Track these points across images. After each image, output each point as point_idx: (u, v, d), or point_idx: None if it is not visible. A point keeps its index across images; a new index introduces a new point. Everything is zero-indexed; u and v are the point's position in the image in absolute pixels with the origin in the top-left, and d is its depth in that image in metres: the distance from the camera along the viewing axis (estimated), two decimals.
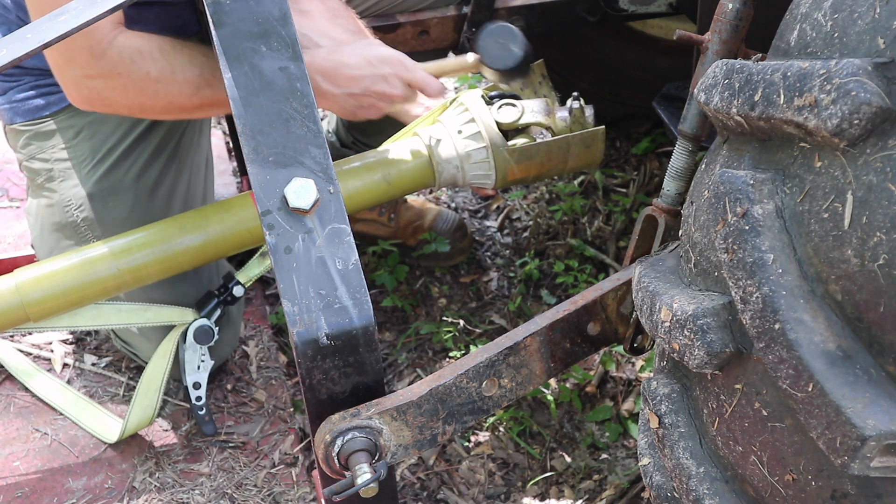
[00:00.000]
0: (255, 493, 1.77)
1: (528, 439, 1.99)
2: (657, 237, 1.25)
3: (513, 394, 1.21)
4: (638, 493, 1.84)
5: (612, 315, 1.27)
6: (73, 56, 1.52)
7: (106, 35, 1.51)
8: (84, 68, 1.53)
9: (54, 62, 1.57)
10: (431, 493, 1.89)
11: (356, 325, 1.07)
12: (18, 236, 2.30)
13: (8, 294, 1.64)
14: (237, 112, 1.16)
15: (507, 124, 1.81)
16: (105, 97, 1.59)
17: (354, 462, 1.08)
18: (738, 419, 0.95)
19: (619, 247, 2.41)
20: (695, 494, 1.01)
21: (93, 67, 1.53)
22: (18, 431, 1.87)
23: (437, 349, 2.22)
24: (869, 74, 0.76)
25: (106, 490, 1.76)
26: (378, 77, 1.65)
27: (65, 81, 1.59)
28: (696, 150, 1.23)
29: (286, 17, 1.23)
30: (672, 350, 0.96)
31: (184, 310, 1.82)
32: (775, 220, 0.85)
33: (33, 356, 2.02)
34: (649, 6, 2.22)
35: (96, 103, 1.62)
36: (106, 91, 1.57)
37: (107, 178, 1.81)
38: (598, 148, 1.83)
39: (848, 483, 0.86)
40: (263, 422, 1.91)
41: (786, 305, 0.82)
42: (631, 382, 2.07)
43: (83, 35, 1.48)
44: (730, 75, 0.92)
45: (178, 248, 1.68)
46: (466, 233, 2.44)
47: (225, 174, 2.56)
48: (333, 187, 1.13)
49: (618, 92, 2.60)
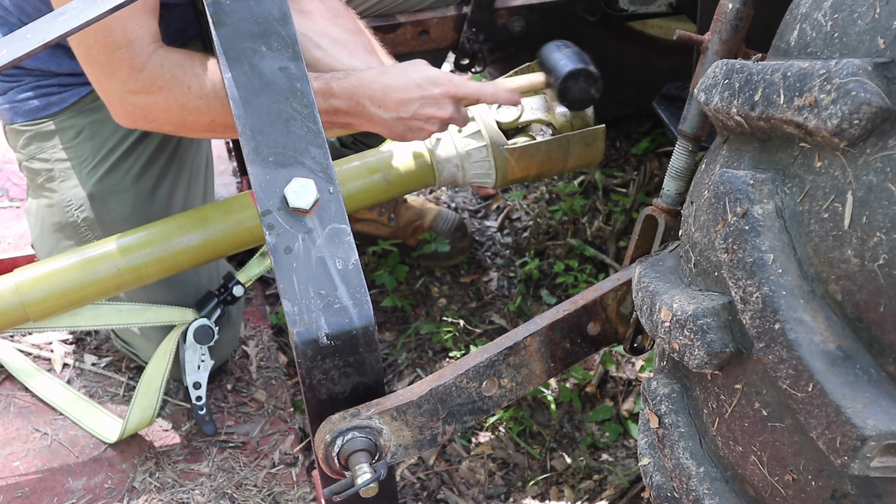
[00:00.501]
0: (255, 493, 1.77)
1: (528, 439, 1.99)
2: (657, 237, 1.25)
3: (513, 394, 1.21)
4: (638, 493, 1.84)
5: (612, 315, 1.27)
6: (113, 70, 1.51)
7: (145, 48, 1.51)
8: (125, 82, 1.52)
9: (96, 79, 1.55)
10: (431, 493, 1.89)
11: (356, 325, 1.07)
12: (18, 236, 2.30)
13: (8, 294, 1.64)
14: (237, 112, 1.16)
15: (508, 123, 1.81)
16: (147, 112, 1.57)
17: (354, 462, 1.08)
18: (738, 419, 0.95)
19: (619, 247, 2.41)
20: (695, 494, 1.01)
21: (134, 81, 1.52)
22: (18, 431, 1.87)
23: (437, 349, 2.22)
24: (869, 74, 0.76)
25: (106, 490, 1.76)
26: (428, 100, 1.61)
27: (108, 97, 1.57)
28: (696, 150, 1.23)
29: (286, 17, 1.23)
30: (672, 350, 0.96)
31: (184, 310, 1.82)
32: (775, 220, 0.85)
33: (33, 356, 2.02)
34: (649, 6, 2.22)
35: (139, 119, 1.60)
36: (148, 106, 1.56)
37: (107, 179, 1.81)
38: (598, 147, 1.83)
39: (848, 483, 0.86)
40: (263, 422, 1.91)
41: (786, 305, 0.82)
42: (631, 382, 2.07)
43: (122, 48, 1.48)
44: (730, 75, 0.92)
45: (177, 247, 1.68)
46: (466, 233, 2.44)
47: (225, 174, 2.56)
48: (333, 187, 1.13)
49: (618, 92, 2.59)
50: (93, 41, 1.49)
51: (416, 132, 1.65)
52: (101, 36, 1.47)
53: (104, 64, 1.51)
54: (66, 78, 1.79)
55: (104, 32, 1.47)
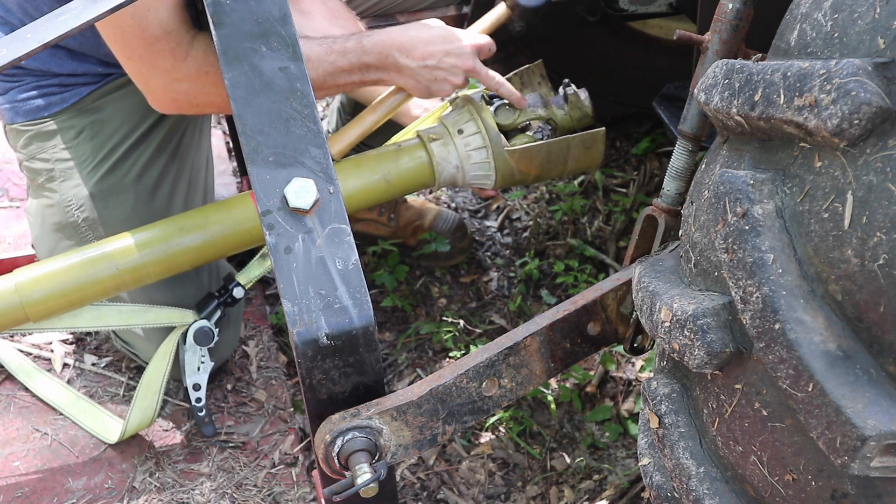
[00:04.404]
0: (255, 493, 1.77)
1: (528, 439, 1.99)
2: (657, 237, 1.25)
3: (513, 394, 1.21)
4: (638, 493, 1.84)
5: (612, 315, 1.27)
6: (155, 62, 1.52)
7: (185, 36, 1.51)
8: (170, 72, 1.53)
9: (136, 71, 1.56)
10: (431, 493, 1.89)
11: (356, 325, 1.07)
12: (18, 236, 2.30)
13: (7, 294, 1.64)
14: (237, 112, 1.16)
15: (507, 124, 1.81)
16: (193, 97, 1.59)
17: (354, 462, 1.08)
18: (738, 419, 0.95)
19: (619, 247, 2.41)
20: (695, 494, 1.01)
21: (179, 70, 1.53)
22: (18, 431, 1.87)
23: (437, 349, 2.22)
24: (869, 74, 0.76)
25: (106, 490, 1.76)
26: (452, 51, 1.71)
27: (151, 88, 1.58)
28: (696, 150, 1.23)
29: (286, 17, 1.23)
30: (672, 350, 0.96)
31: (184, 311, 1.82)
32: (775, 220, 0.85)
33: (33, 356, 2.02)
34: (649, 6, 2.21)
35: (184, 105, 1.63)
36: (194, 91, 1.58)
37: (108, 179, 1.81)
38: (598, 150, 1.83)
39: (848, 483, 0.86)
40: (263, 422, 1.91)
41: (786, 305, 0.82)
42: (631, 382, 2.07)
43: (162, 40, 1.49)
44: (730, 75, 0.92)
45: (177, 248, 1.68)
46: (466, 233, 2.44)
47: (225, 174, 2.56)
48: (333, 187, 1.13)
49: (618, 92, 2.60)
50: (130, 36, 1.49)
51: (440, 83, 1.73)
52: (137, 30, 1.48)
53: (145, 56, 1.51)
54: (67, 78, 1.79)
55: (140, 26, 1.47)
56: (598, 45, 2.54)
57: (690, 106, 1.20)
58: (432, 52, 1.69)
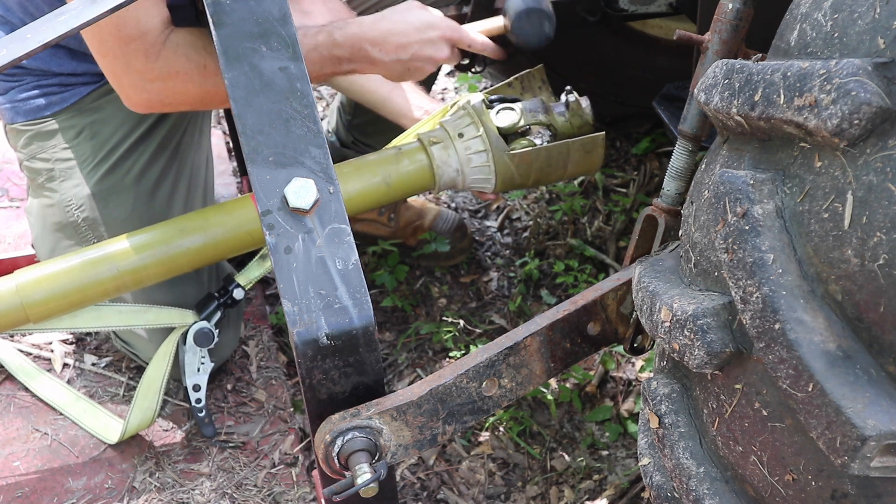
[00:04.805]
0: (255, 493, 1.77)
1: (528, 439, 1.99)
2: (657, 237, 1.25)
3: (513, 394, 1.21)
4: (638, 493, 1.84)
5: (612, 315, 1.27)
6: (129, 61, 1.52)
7: (158, 36, 1.51)
8: (142, 72, 1.53)
9: (111, 70, 1.56)
10: (431, 493, 1.89)
11: (356, 325, 1.07)
12: (18, 236, 2.30)
13: (8, 295, 1.64)
14: (237, 112, 1.16)
15: (508, 128, 1.81)
16: (165, 97, 1.59)
17: (354, 462, 1.08)
18: (738, 419, 0.95)
19: (619, 247, 2.41)
20: (695, 494, 1.01)
21: (150, 71, 1.53)
22: (18, 431, 1.87)
23: (437, 349, 2.22)
24: (869, 74, 0.76)
25: (106, 490, 1.76)
26: (425, 42, 1.69)
27: (123, 88, 1.58)
28: (696, 150, 1.23)
29: (286, 17, 1.23)
30: (672, 350, 0.96)
31: (184, 312, 1.82)
32: (775, 220, 0.85)
33: (33, 356, 2.02)
34: (649, 6, 2.21)
35: (157, 104, 1.62)
36: (166, 91, 1.57)
37: (108, 178, 1.81)
38: (598, 154, 1.83)
39: (848, 483, 0.86)
40: (263, 422, 1.91)
41: (786, 305, 0.82)
42: (631, 382, 2.07)
43: (137, 40, 1.49)
44: (730, 75, 0.92)
45: (178, 249, 1.68)
46: (466, 233, 2.44)
47: (225, 174, 2.56)
48: (333, 187, 1.13)
49: (618, 92, 2.60)
50: (107, 34, 1.49)
51: (413, 73, 1.73)
52: (114, 29, 1.48)
53: (119, 56, 1.51)
54: (67, 78, 1.79)
55: (117, 26, 1.47)
56: (598, 45, 2.54)
57: (690, 106, 1.20)
58: (405, 45, 1.67)
